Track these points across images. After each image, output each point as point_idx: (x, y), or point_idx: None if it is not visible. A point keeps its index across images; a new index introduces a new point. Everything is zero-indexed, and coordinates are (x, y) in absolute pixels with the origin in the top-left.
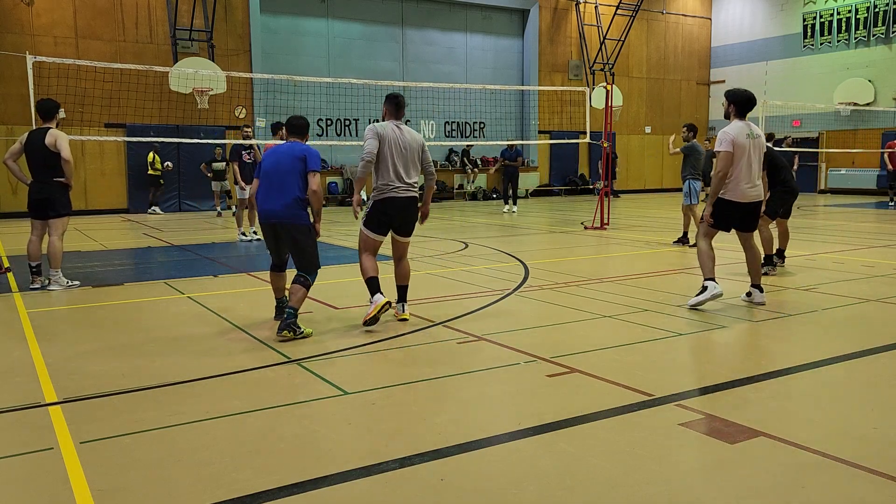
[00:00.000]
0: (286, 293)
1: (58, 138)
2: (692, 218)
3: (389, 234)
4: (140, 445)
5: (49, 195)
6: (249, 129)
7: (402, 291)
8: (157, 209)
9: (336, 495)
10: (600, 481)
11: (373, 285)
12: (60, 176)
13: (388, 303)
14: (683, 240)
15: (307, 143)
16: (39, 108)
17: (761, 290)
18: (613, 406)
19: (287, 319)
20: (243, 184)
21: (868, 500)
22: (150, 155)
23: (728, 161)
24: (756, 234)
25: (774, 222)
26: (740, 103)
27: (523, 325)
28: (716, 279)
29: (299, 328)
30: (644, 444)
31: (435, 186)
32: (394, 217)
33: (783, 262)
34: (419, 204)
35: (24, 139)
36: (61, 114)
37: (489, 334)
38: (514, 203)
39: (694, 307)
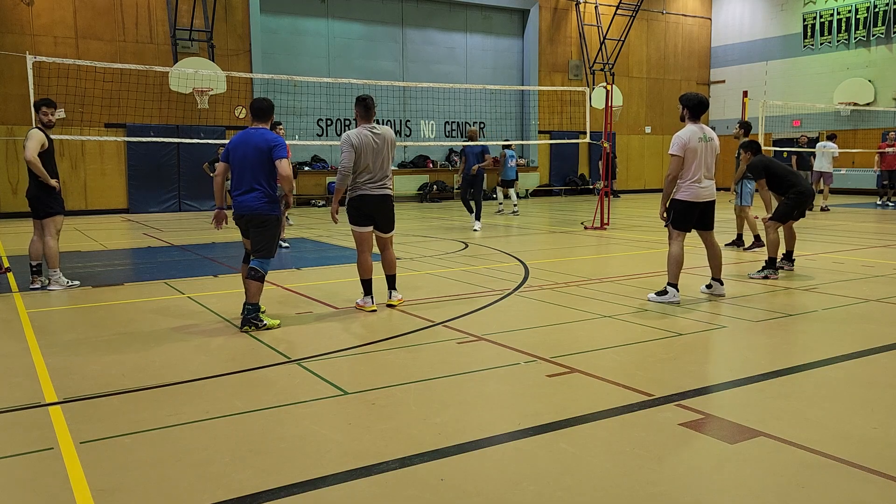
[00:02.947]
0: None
1: (27, 138)
2: (745, 220)
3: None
4: (140, 445)
5: (34, 194)
6: (282, 128)
7: (391, 280)
8: None
9: (336, 495)
10: (600, 481)
11: (366, 286)
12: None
13: (375, 310)
14: (738, 242)
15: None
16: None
17: (721, 283)
18: (613, 406)
19: (247, 315)
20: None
21: (868, 500)
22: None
23: (678, 164)
24: (713, 233)
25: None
26: (693, 107)
27: (523, 325)
28: (678, 287)
29: (261, 321)
30: (644, 444)
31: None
32: (367, 210)
33: (792, 264)
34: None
35: None
36: (60, 113)
37: (489, 334)
38: (478, 218)
39: (651, 300)
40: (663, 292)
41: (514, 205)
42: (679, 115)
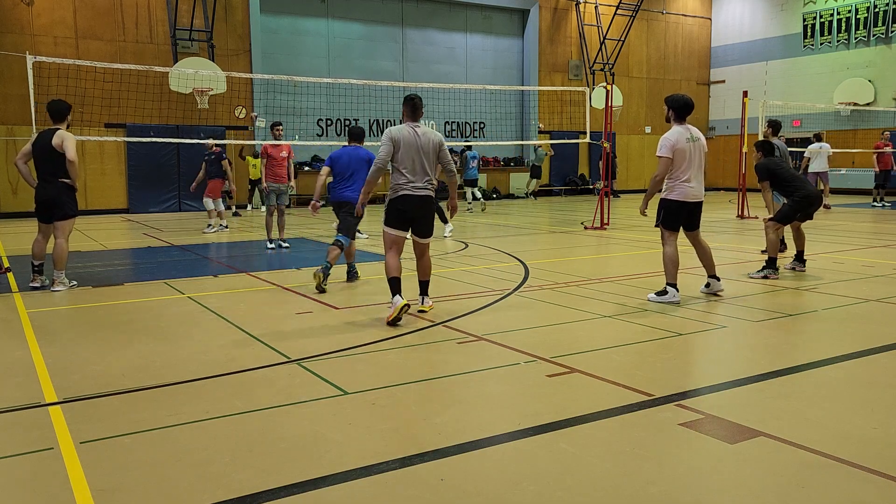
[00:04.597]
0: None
1: (65, 139)
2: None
3: (411, 235)
4: (140, 445)
5: (54, 196)
6: (280, 129)
7: (423, 286)
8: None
9: (336, 495)
10: (600, 481)
11: (393, 286)
12: (66, 177)
13: (407, 304)
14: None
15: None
16: (50, 109)
17: (718, 279)
18: (613, 406)
19: (324, 268)
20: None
21: (868, 500)
22: (254, 159)
23: (667, 166)
24: (700, 232)
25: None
26: (679, 108)
27: (523, 325)
28: (677, 286)
29: (328, 272)
30: (644, 444)
31: (458, 181)
32: (408, 213)
33: (803, 265)
34: (438, 202)
35: (33, 140)
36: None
37: (489, 334)
38: (445, 221)
39: (651, 300)
40: (663, 292)
41: (477, 202)
42: (665, 116)
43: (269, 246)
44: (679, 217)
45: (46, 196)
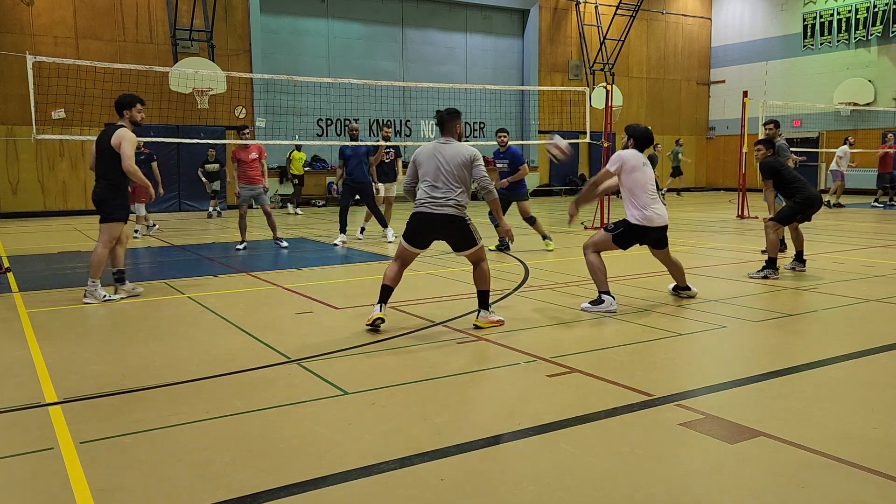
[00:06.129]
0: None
1: (123, 139)
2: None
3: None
4: (140, 445)
5: (100, 196)
6: (389, 130)
7: (481, 297)
8: (298, 210)
9: (336, 495)
10: (600, 481)
11: (382, 293)
12: (115, 177)
13: (382, 319)
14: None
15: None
16: (115, 104)
17: (689, 288)
18: (613, 406)
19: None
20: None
21: (868, 500)
22: (297, 153)
23: (607, 176)
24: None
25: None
26: (640, 139)
27: (523, 325)
28: (612, 294)
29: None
30: (644, 444)
31: (496, 199)
32: (423, 231)
33: (803, 265)
34: (468, 220)
35: (98, 137)
36: (60, 113)
37: (489, 334)
38: (385, 226)
39: (586, 310)
40: (598, 301)
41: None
42: (623, 144)
43: (239, 247)
44: (635, 240)
45: (94, 196)
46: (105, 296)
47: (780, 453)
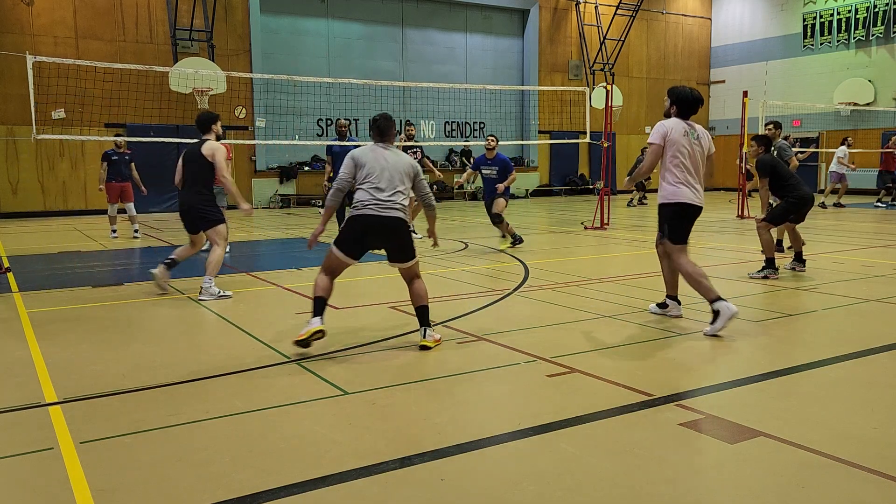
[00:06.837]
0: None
1: (216, 150)
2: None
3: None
4: (140, 445)
5: (191, 204)
6: (412, 128)
7: (421, 314)
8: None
9: (336, 495)
10: (600, 481)
11: (316, 305)
12: (204, 186)
13: (322, 332)
14: (778, 247)
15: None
16: (197, 122)
17: (679, 303)
18: (613, 406)
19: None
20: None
21: (868, 500)
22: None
23: (657, 154)
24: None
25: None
26: (682, 104)
27: (523, 325)
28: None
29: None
30: (644, 444)
31: (435, 215)
32: (367, 235)
33: (803, 265)
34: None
35: (182, 155)
36: (60, 113)
37: (489, 334)
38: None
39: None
40: (716, 313)
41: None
42: (664, 110)
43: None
44: (688, 222)
45: (184, 205)
46: (220, 292)
47: (780, 453)
